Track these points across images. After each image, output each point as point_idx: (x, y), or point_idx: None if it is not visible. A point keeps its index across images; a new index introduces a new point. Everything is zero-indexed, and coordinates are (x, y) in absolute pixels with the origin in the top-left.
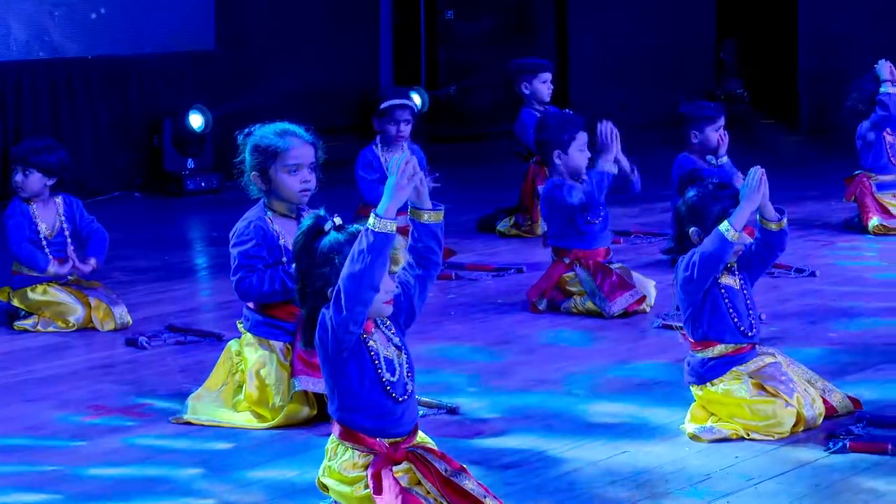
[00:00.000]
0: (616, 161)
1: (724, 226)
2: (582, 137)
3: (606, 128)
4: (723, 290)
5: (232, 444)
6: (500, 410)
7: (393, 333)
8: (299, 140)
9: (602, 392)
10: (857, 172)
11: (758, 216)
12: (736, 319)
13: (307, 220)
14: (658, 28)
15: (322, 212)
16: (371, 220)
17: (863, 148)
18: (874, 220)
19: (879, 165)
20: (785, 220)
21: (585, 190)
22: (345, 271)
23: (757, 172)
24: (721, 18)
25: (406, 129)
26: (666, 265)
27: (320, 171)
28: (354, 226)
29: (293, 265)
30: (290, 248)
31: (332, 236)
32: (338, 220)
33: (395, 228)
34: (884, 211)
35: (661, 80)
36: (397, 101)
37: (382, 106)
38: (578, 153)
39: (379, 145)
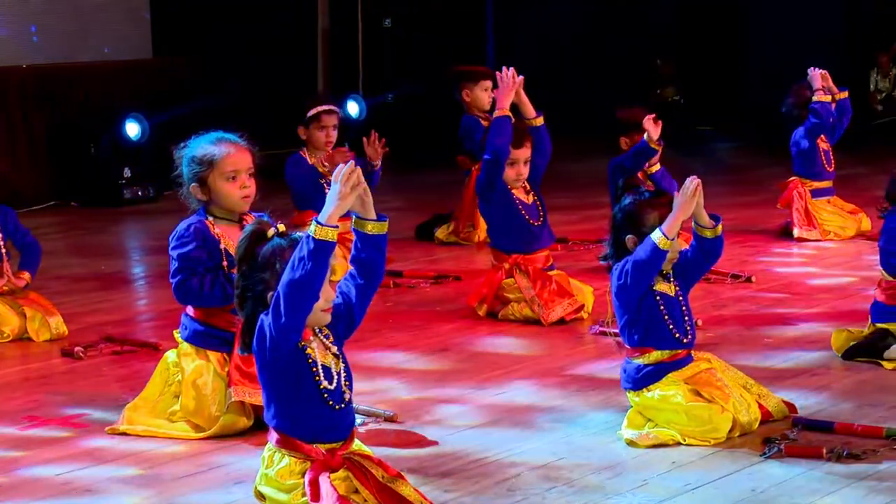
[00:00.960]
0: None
1: (656, 234)
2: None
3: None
4: (658, 297)
5: (168, 454)
6: (439, 418)
7: (331, 342)
8: (234, 146)
9: (540, 398)
10: (791, 179)
11: (693, 223)
12: (671, 326)
13: (251, 225)
14: (596, 34)
15: (266, 217)
16: (312, 226)
17: (797, 155)
18: (795, 231)
19: (813, 172)
20: (720, 227)
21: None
22: (285, 277)
23: (693, 183)
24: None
25: (334, 135)
26: (604, 272)
27: (259, 177)
28: (297, 233)
29: (235, 269)
30: (232, 252)
31: (275, 242)
32: (281, 227)
33: (336, 236)
34: (808, 221)
35: (599, 85)
36: (324, 107)
37: (310, 113)
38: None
39: (308, 152)
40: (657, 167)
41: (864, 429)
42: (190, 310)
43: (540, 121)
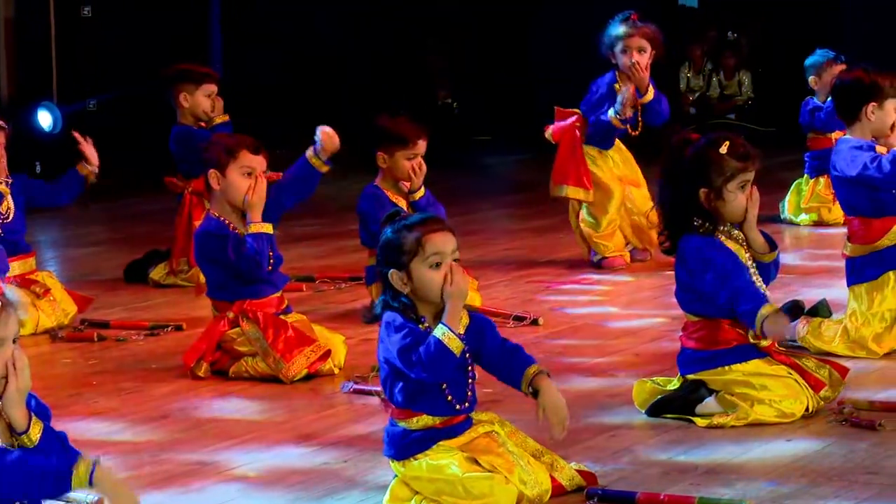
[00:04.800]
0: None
1: (441, 331)
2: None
3: None
4: None
5: None
6: (151, 502)
7: None
8: None
9: (278, 476)
10: None
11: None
12: (446, 388)
13: None
14: (355, 39)
15: None
16: None
17: None
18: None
19: None
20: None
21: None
22: None
23: (456, 275)
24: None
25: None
26: (357, 317)
27: None
28: None
29: None
30: None
31: None
32: None
33: None
34: None
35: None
36: None
37: None
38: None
39: None
40: (421, 193)
41: (672, 499)
42: None
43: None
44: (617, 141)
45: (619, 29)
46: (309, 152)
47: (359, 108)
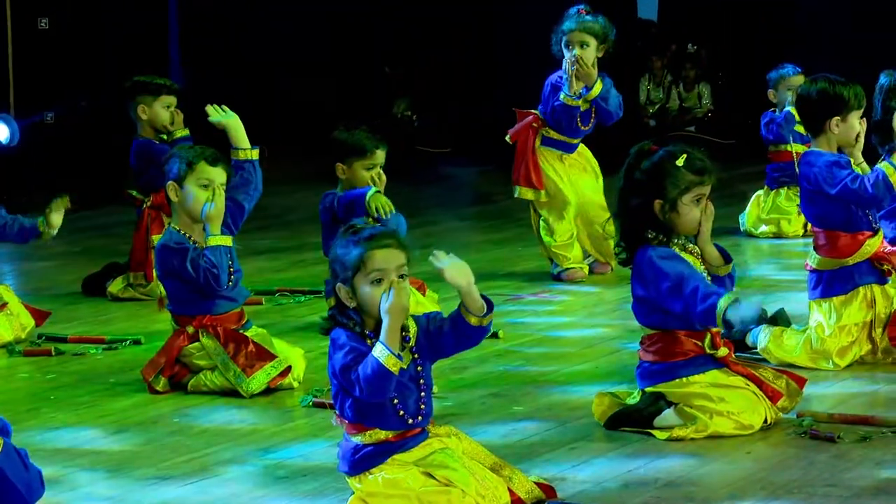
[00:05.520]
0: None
1: (378, 350)
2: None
3: None
4: None
5: None
6: None
7: None
8: None
9: (237, 491)
10: None
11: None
12: (396, 402)
13: None
14: (308, 37)
15: None
16: None
17: None
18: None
19: None
20: (489, 318)
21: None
22: None
23: (392, 295)
24: (383, 21)
25: None
26: (317, 329)
27: None
28: None
29: None
30: None
31: None
32: None
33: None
34: None
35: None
36: None
37: None
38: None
39: None
40: None
41: None
42: None
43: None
44: (582, 146)
45: (563, 23)
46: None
47: (320, 119)
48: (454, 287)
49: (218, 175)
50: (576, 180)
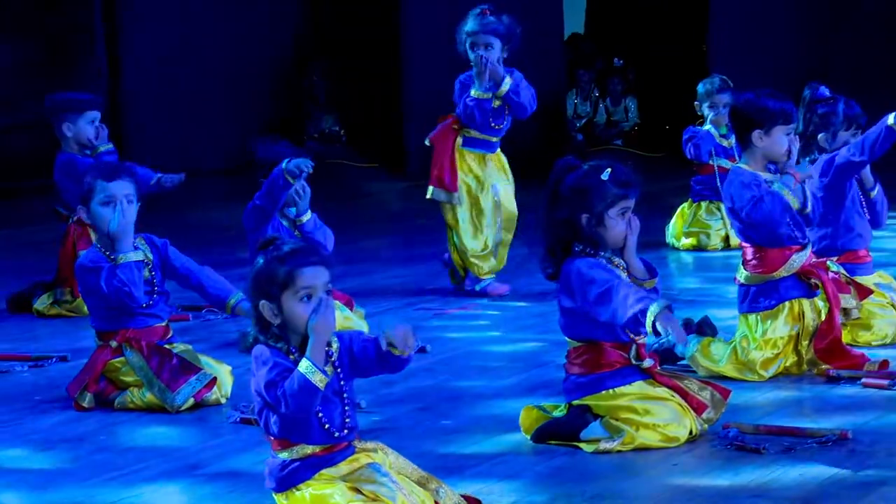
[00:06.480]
0: None
1: (304, 365)
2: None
3: None
4: None
5: None
6: None
7: None
8: None
9: None
10: None
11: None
12: (321, 415)
13: None
14: (229, 53)
15: None
16: None
17: None
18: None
19: None
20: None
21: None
22: None
23: (320, 312)
24: (307, 38)
25: None
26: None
27: None
28: None
29: None
30: None
31: None
32: None
33: None
34: None
35: (235, 115)
36: None
37: None
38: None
39: None
40: (308, 216)
41: None
42: None
43: None
44: (499, 152)
45: (467, 24)
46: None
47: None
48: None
49: (119, 188)
50: (492, 186)
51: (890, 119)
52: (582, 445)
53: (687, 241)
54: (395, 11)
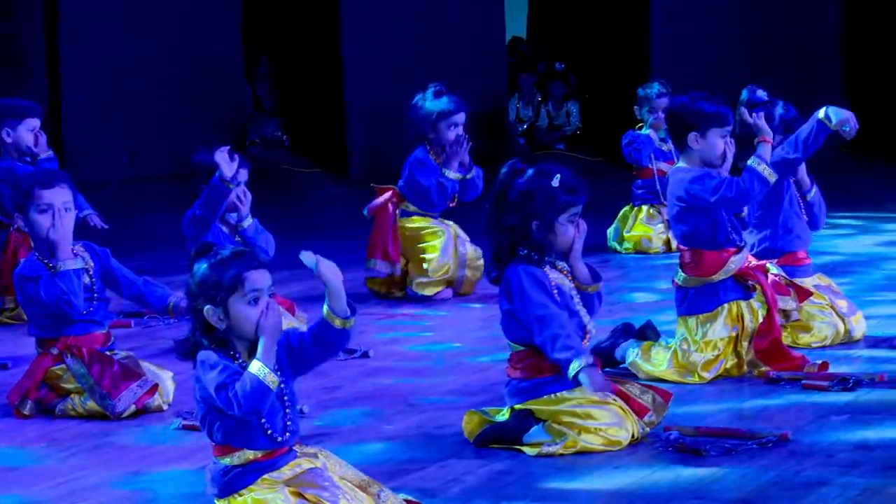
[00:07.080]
0: None
1: (256, 367)
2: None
3: None
4: None
5: None
6: None
7: None
8: None
9: None
10: None
11: (325, 310)
12: (263, 420)
13: None
14: (172, 58)
15: None
16: None
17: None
18: None
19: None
20: (352, 321)
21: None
22: None
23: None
24: (249, 41)
25: None
26: None
27: None
28: None
29: None
30: None
31: None
32: None
33: None
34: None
35: (180, 121)
36: None
37: None
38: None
39: None
40: (249, 221)
41: None
42: None
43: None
44: None
45: (440, 105)
46: None
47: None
48: (325, 283)
49: (56, 196)
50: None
51: (820, 113)
52: (525, 449)
53: (629, 245)
54: (336, 16)
